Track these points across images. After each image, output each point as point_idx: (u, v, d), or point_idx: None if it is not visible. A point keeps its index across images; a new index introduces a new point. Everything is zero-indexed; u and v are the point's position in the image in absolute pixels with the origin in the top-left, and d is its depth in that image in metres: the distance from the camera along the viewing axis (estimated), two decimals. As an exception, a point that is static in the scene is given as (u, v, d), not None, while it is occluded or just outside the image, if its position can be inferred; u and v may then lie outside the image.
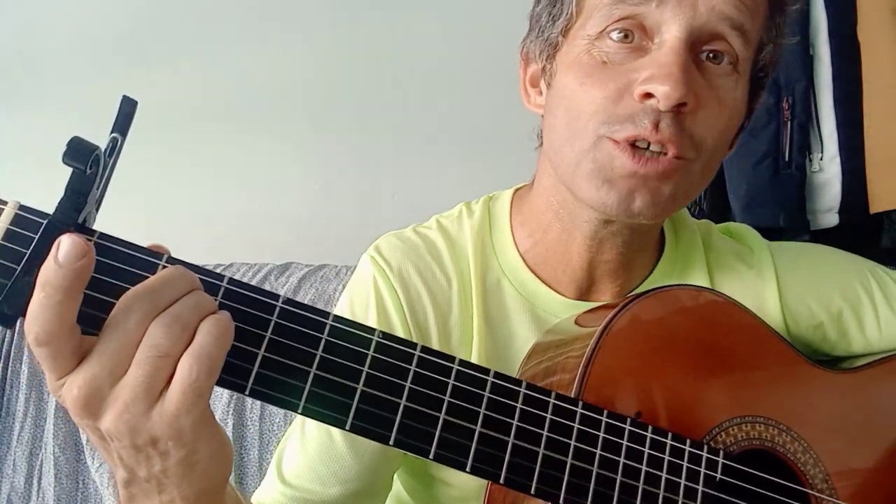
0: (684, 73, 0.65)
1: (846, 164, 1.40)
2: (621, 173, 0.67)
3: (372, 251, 0.82)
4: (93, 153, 0.48)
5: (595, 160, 0.69)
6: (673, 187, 0.69)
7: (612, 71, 0.68)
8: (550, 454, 0.56)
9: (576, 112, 0.70)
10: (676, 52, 0.66)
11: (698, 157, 0.69)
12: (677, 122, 0.66)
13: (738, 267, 0.84)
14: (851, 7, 1.39)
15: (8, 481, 1.43)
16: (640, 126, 0.66)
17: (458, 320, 0.78)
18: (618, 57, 0.68)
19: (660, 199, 0.68)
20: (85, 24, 1.83)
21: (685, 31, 0.66)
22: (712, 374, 0.69)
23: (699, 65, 0.68)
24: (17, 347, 1.46)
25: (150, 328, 0.47)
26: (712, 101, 0.68)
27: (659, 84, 0.65)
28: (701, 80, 0.68)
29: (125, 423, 0.47)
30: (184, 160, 1.86)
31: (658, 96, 0.65)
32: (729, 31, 0.67)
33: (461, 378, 0.55)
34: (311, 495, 0.75)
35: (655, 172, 0.67)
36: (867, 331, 0.84)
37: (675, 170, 0.68)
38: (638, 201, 0.68)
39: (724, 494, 0.63)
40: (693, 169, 0.69)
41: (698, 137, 0.68)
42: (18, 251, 0.47)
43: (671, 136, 0.66)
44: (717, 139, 0.69)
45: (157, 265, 0.50)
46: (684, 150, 0.67)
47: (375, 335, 0.54)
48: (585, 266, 0.78)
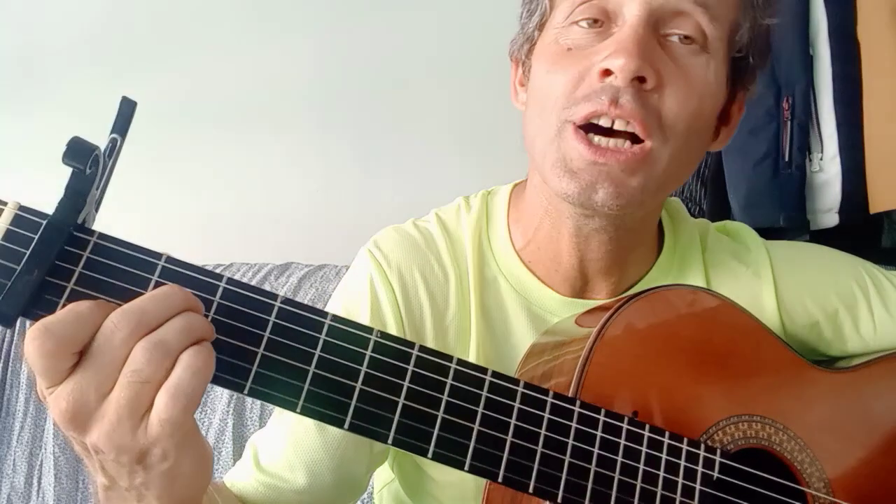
0: (640, 46, 0.65)
1: (846, 164, 1.40)
2: (580, 164, 0.67)
3: (370, 245, 0.81)
4: (92, 153, 0.48)
5: (559, 149, 0.69)
6: (641, 178, 0.68)
7: (575, 56, 0.69)
8: (548, 453, 0.56)
9: (543, 101, 0.70)
10: (634, 29, 0.66)
11: (666, 141, 0.68)
12: (639, 98, 0.65)
13: (734, 266, 0.84)
14: (851, 7, 1.39)
15: (8, 481, 1.43)
16: (598, 102, 0.66)
17: (455, 315, 0.78)
18: (583, 42, 0.69)
19: (625, 191, 0.67)
20: (85, 25, 1.83)
21: (643, 8, 0.66)
22: (709, 373, 0.69)
23: (665, 45, 0.68)
24: (17, 347, 1.47)
25: (133, 351, 0.47)
26: (679, 79, 0.67)
27: (614, 58, 0.65)
28: (666, 59, 0.67)
29: (111, 441, 0.47)
30: (184, 160, 1.87)
31: (614, 70, 0.65)
32: (692, 7, 0.67)
33: (459, 377, 0.55)
34: (283, 483, 0.76)
35: (617, 162, 0.66)
36: (862, 330, 0.84)
37: (641, 160, 0.67)
38: (600, 192, 0.67)
39: (721, 493, 0.63)
40: (660, 156, 0.68)
41: (666, 117, 0.67)
42: (18, 251, 0.48)
43: (632, 110, 0.65)
44: (688, 121, 0.68)
45: (156, 265, 0.50)
46: (650, 130, 0.66)
47: (374, 334, 0.54)
48: (576, 264, 0.78)
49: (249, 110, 1.87)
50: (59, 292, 0.48)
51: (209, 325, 0.50)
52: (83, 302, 0.47)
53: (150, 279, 0.50)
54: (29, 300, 0.47)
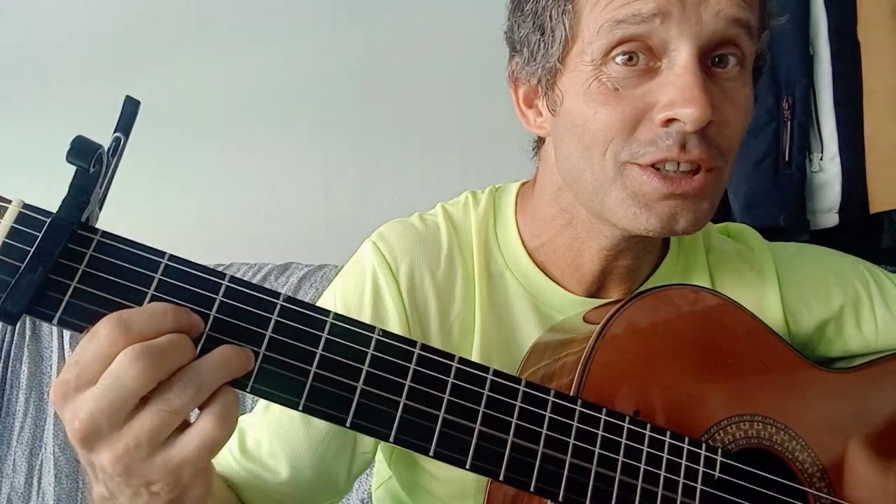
0: (705, 92, 0.64)
1: (846, 164, 1.40)
2: (656, 197, 0.67)
3: (375, 237, 0.80)
4: (96, 152, 0.48)
5: (625, 187, 0.68)
6: (711, 200, 0.69)
7: (625, 97, 0.67)
8: (549, 452, 0.56)
9: (591, 140, 0.68)
10: (692, 72, 0.64)
11: (726, 163, 0.69)
12: (704, 138, 0.65)
13: (739, 266, 0.84)
14: (851, 7, 1.39)
15: (8, 481, 1.43)
16: (665, 149, 0.65)
17: (460, 310, 0.78)
18: (628, 82, 0.67)
19: (701, 216, 0.68)
20: (86, 25, 1.83)
21: (695, 46, 0.64)
22: (711, 372, 0.69)
23: (710, 74, 0.67)
24: (17, 347, 1.46)
25: (170, 381, 0.48)
26: (730, 108, 0.67)
27: (682, 108, 0.63)
28: (716, 90, 0.66)
29: (122, 465, 0.48)
30: (184, 160, 1.86)
31: (685, 121, 0.64)
32: (738, 31, 0.66)
33: (461, 376, 0.55)
34: (265, 471, 0.76)
35: (692, 190, 0.67)
36: (864, 329, 0.84)
37: (710, 183, 0.68)
38: (682, 221, 0.68)
39: (722, 493, 0.63)
40: (723, 177, 0.70)
41: (725, 146, 0.68)
42: (23, 249, 0.48)
43: (700, 153, 0.65)
44: (739, 138, 0.69)
45: (159, 264, 0.51)
46: (714, 162, 0.67)
47: (376, 333, 0.54)
48: (597, 271, 0.78)
49: (249, 110, 1.87)
50: (63, 290, 0.49)
51: (248, 359, 0.50)
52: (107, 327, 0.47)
53: (153, 277, 0.50)
54: (33, 298, 0.47)
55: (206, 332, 0.50)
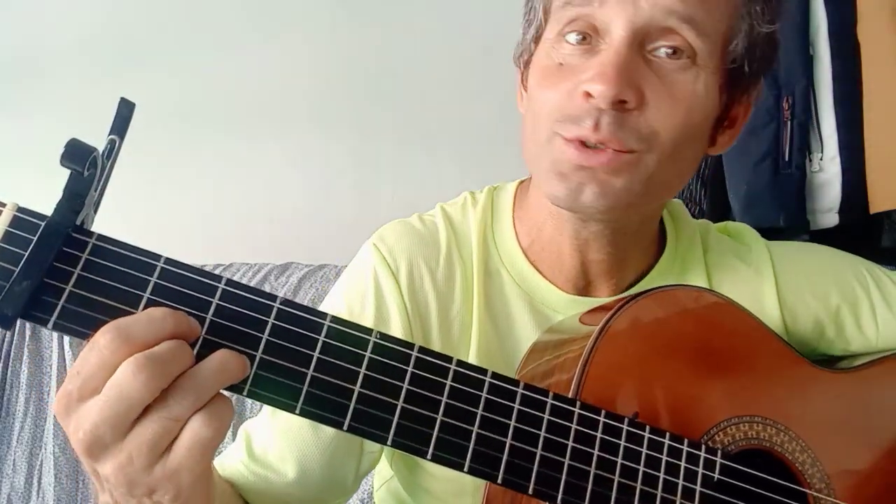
0: (620, 71, 0.66)
1: (846, 164, 1.40)
2: (570, 167, 0.69)
3: (375, 238, 0.81)
4: (90, 155, 0.48)
5: (550, 155, 0.70)
6: (626, 180, 0.69)
7: (566, 72, 0.69)
8: (548, 455, 0.56)
9: (536, 113, 0.72)
10: (616, 51, 0.67)
11: (651, 149, 0.69)
12: (619, 119, 0.67)
13: (735, 265, 0.84)
14: (851, 7, 1.39)
15: (8, 481, 1.43)
16: (583, 126, 0.67)
17: (460, 309, 0.78)
18: (573, 59, 0.69)
19: (609, 191, 0.69)
20: (83, 26, 1.83)
21: (627, 29, 0.67)
22: (710, 374, 0.69)
23: (652, 62, 0.68)
24: (17, 347, 1.47)
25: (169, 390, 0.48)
26: (663, 95, 0.68)
27: (595, 83, 0.66)
28: (651, 77, 0.68)
29: (125, 476, 0.48)
30: (183, 160, 1.87)
31: (595, 96, 0.66)
32: (678, 23, 0.67)
33: (458, 379, 0.55)
34: (273, 474, 0.76)
35: (601, 164, 0.68)
36: (864, 328, 0.84)
37: (625, 162, 0.68)
38: (586, 193, 0.69)
39: (722, 494, 0.63)
40: (647, 161, 0.69)
41: (646, 131, 0.68)
42: (17, 253, 0.48)
43: (609, 134, 0.67)
44: (674, 132, 0.69)
45: (155, 267, 0.50)
46: (628, 145, 0.68)
47: (373, 336, 0.54)
48: (578, 266, 0.78)
49: (249, 110, 1.88)
50: (58, 294, 0.48)
51: (245, 365, 0.50)
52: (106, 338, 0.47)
53: (148, 281, 0.50)
54: (27, 302, 0.47)
55: (203, 336, 0.50)
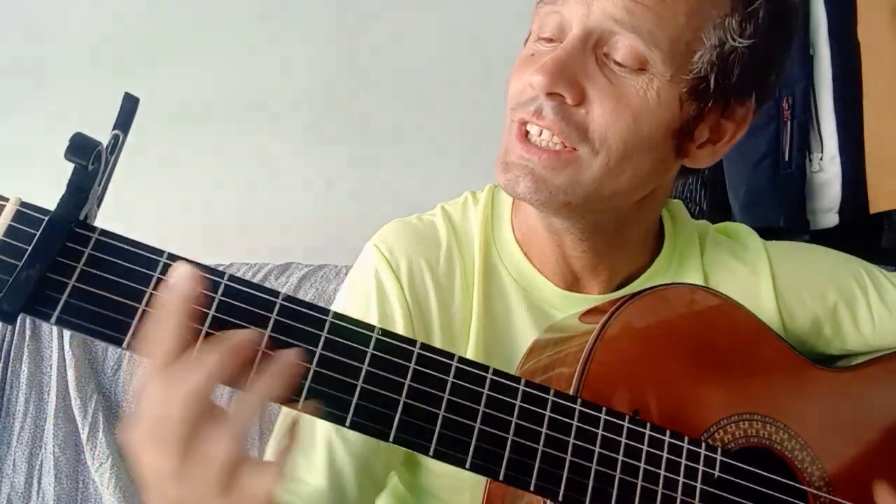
0: (559, 65, 0.68)
1: (846, 163, 1.40)
2: (513, 157, 0.71)
3: (375, 239, 0.82)
4: (95, 149, 0.48)
5: (505, 144, 0.73)
6: (564, 179, 0.70)
7: (533, 62, 0.71)
8: (549, 451, 0.56)
9: (509, 104, 0.74)
10: (564, 47, 0.69)
11: (595, 151, 0.69)
12: (560, 110, 0.68)
13: (732, 264, 0.84)
14: (851, 7, 1.39)
15: (8, 481, 1.43)
16: (526, 111, 0.70)
17: (460, 306, 0.79)
18: (542, 51, 0.72)
19: (542, 187, 0.70)
20: (85, 25, 1.83)
21: (578, 28, 0.69)
22: (710, 372, 0.69)
23: (604, 63, 0.69)
24: (17, 347, 1.46)
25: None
26: (608, 96, 0.68)
27: (534, 74, 0.68)
28: (598, 76, 0.69)
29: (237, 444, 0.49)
30: (184, 160, 1.86)
31: (533, 86, 0.68)
32: (622, 31, 0.68)
33: (460, 375, 0.55)
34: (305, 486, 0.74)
35: (540, 160, 0.69)
36: (861, 327, 0.84)
37: (565, 161, 0.69)
38: (521, 185, 0.70)
39: (722, 492, 0.63)
40: (590, 163, 0.70)
41: (593, 131, 0.69)
42: (20, 247, 0.48)
43: (550, 122, 0.68)
44: (621, 137, 0.69)
45: (158, 262, 0.51)
46: (570, 140, 0.69)
47: (375, 332, 0.54)
48: (560, 258, 0.79)
49: (250, 110, 1.87)
50: (61, 289, 0.48)
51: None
52: None
53: (151, 276, 0.50)
54: (31, 297, 0.47)
55: (206, 330, 0.50)
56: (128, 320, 0.49)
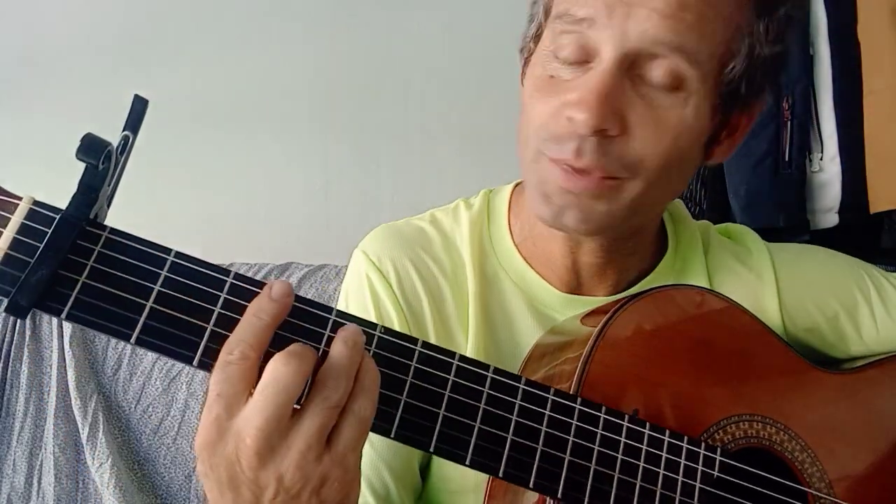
0: (603, 99, 0.64)
1: (846, 164, 1.40)
2: (554, 188, 0.68)
3: (362, 245, 0.82)
4: (105, 149, 0.49)
5: (537, 174, 0.70)
6: (608, 205, 0.68)
7: (555, 87, 0.68)
8: (549, 450, 0.57)
9: (526, 122, 0.71)
10: (601, 78, 0.65)
11: (635, 175, 0.68)
12: (601, 146, 0.65)
13: (736, 268, 0.84)
14: (851, 7, 1.39)
15: (8, 481, 1.43)
16: (565, 150, 0.66)
17: (452, 311, 0.79)
18: (564, 73, 0.68)
19: (591, 216, 0.69)
20: (87, 25, 1.83)
21: (615, 53, 0.64)
22: (710, 372, 0.69)
23: (639, 85, 0.66)
24: (17, 347, 1.46)
25: (318, 380, 0.51)
26: (648, 122, 0.66)
27: (576, 112, 0.64)
28: (636, 103, 0.66)
29: (301, 472, 0.50)
30: (184, 160, 1.86)
31: (576, 123, 0.65)
32: (666, 53, 0.65)
33: (461, 374, 0.56)
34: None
35: (586, 190, 0.67)
36: (864, 332, 0.84)
37: (608, 188, 0.67)
38: (568, 217, 0.69)
39: (721, 492, 0.63)
40: (631, 187, 0.68)
41: (632, 159, 0.67)
42: (33, 245, 0.48)
43: (591, 161, 0.65)
44: (660, 160, 0.67)
45: (165, 260, 0.51)
46: (611, 172, 0.67)
47: (377, 330, 0.55)
48: (570, 265, 0.78)
49: (250, 110, 1.87)
50: (72, 286, 0.49)
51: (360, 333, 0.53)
52: None
53: (159, 274, 0.51)
54: (42, 293, 0.48)
55: (211, 329, 0.51)
56: (135, 316, 0.50)
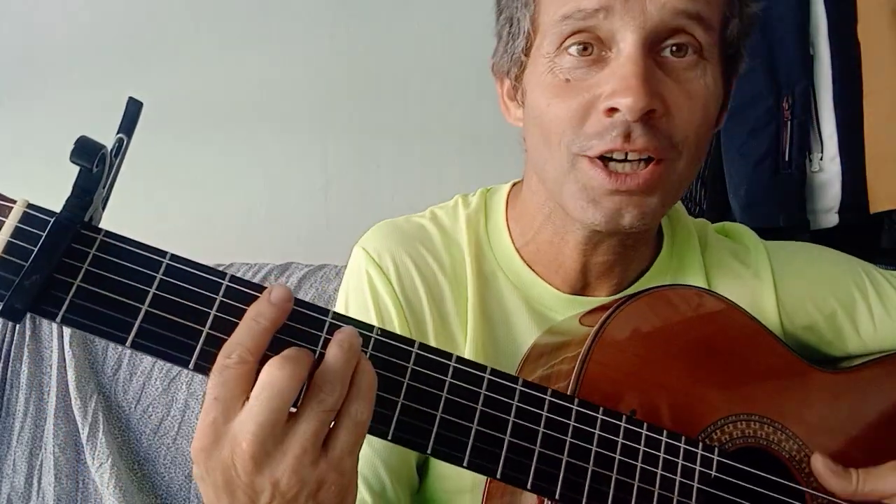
0: (645, 81, 0.64)
1: (846, 164, 1.40)
2: (602, 192, 0.68)
3: (361, 242, 0.83)
4: (99, 152, 0.48)
5: (577, 180, 0.69)
6: (660, 195, 0.69)
7: (575, 88, 0.68)
8: (546, 451, 0.57)
9: (547, 132, 0.70)
10: (634, 62, 0.65)
11: (679, 155, 0.68)
12: (649, 127, 0.66)
13: (734, 266, 0.84)
14: (851, 7, 1.39)
15: (8, 481, 1.43)
16: (611, 140, 0.66)
17: (451, 308, 0.79)
18: (579, 73, 0.68)
19: (648, 210, 0.69)
20: (86, 25, 1.83)
21: (640, 36, 0.65)
22: (707, 372, 0.69)
23: (662, 64, 0.67)
24: (17, 347, 1.46)
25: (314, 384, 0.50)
26: (682, 98, 0.67)
27: (621, 98, 0.64)
28: (667, 81, 0.67)
29: (297, 477, 0.49)
30: (184, 160, 1.86)
31: (623, 110, 0.64)
32: (687, 22, 0.66)
33: (458, 375, 0.56)
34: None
35: (637, 186, 0.67)
36: (862, 331, 0.84)
37: (658, 178, 0.68)
38: (627, 217, 0.68)
39: (719, 491, 0.63)
40: (674, 169, 0.69)
41: (678, 136, 0.67)
42: (27, 248, 0.48)
43: (645, 143, 0.66)
44: (697, 132, 0.69)
45: (161, 263, 0.51)
46: (664, 153, 0.67)
47: (374, 332, 0.55)
48: (579, 268, 0.78)
49: (249, 110, 1.87)
50: (67, 289, 0.49)
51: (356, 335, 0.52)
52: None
53: (154, 277, 0.51)
54: (37, 296, 0.48)
55: (207, 332, 0.51)
56: (130, 320, 0.50)
